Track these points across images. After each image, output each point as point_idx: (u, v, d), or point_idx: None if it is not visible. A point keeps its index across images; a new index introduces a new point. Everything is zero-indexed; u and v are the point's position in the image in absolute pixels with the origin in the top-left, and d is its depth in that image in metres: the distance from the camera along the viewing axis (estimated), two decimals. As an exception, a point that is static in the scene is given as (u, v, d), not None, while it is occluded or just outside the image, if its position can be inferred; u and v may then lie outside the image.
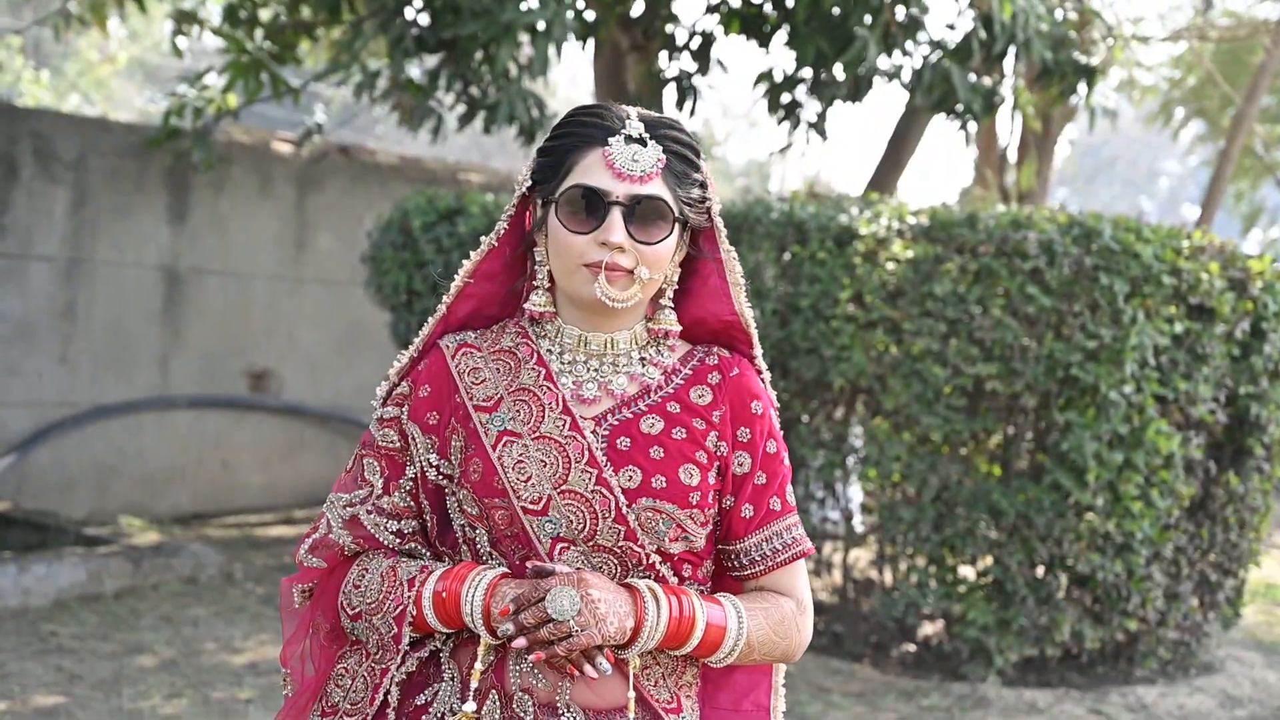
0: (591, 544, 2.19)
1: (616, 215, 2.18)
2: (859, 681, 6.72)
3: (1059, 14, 9.50)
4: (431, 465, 2.29)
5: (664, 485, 2.20)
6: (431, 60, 9.35)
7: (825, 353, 6.81)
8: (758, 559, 2.31)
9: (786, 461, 2.36)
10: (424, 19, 8.79)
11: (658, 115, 2.27)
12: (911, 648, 7.20)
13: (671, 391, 2.29)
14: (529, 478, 2.20)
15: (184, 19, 9.94)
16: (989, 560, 6.81)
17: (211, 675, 6.41)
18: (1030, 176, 12.25)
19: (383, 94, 9.63)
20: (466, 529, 2.28)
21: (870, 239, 6.80)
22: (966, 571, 6.99)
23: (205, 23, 9.98)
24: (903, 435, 6.82)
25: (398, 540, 2.31)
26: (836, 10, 8.23)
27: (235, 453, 10.75)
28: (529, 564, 2.16)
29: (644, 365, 2.30)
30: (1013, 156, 13.14)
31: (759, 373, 2.38)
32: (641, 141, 2.22)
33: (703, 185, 2.29)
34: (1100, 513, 6.47)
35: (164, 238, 10.27)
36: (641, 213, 2.19)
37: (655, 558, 2.21)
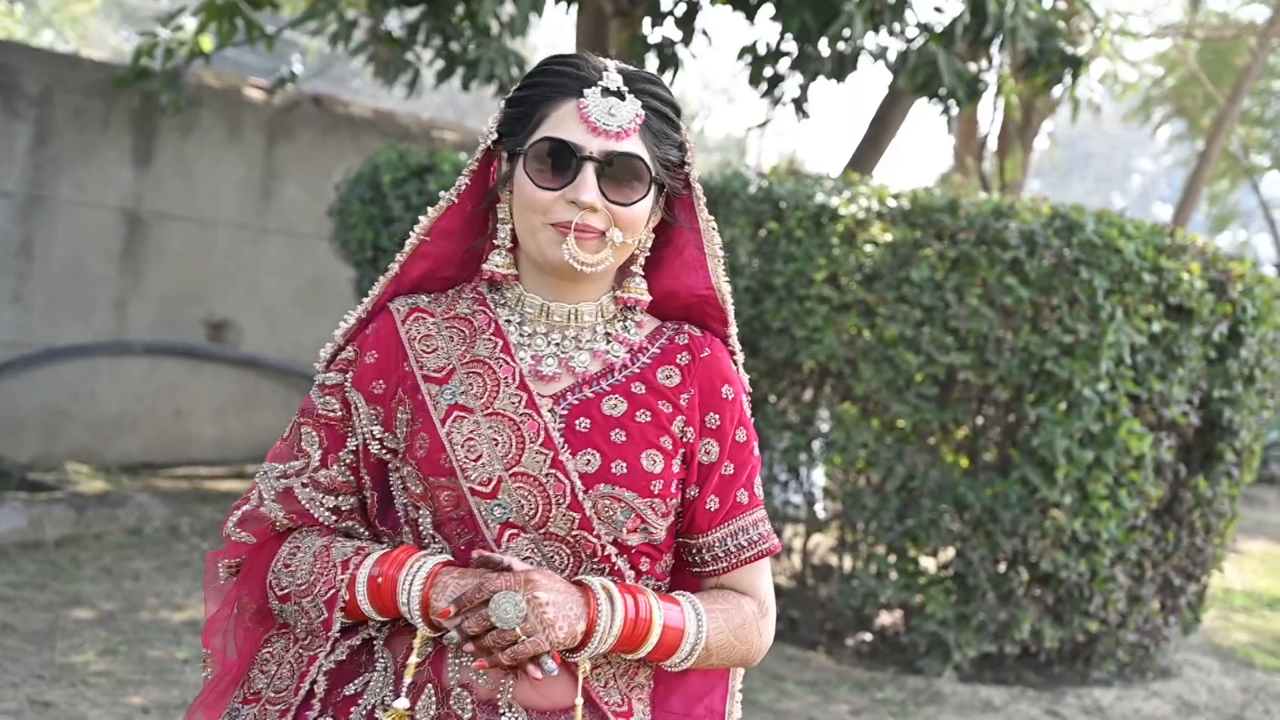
0: (543, 532, 2.02)
1: (589, 172, 2.01)
2: (813, 670, 6.60)
3: (1047, 2, 9.36)
4: (375, 438, 2.12)
5: (624, 471, 2.04)
6: (411, 13, 9.14)
7: (797, 333, 6.66)
8: (721, 555, 2.15)
9: (756, 452, 2.20)
10: (405, -30, 8.59)
11: (637, 69, 2.10)
12: (868, 638, 7.08)
13: (637, 371, 2.12)
14: (479, 457, 2.03)
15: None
16: (951, 553, 6.70)
17: (149, 632, 6.24)
18: (1016, 167, 12.13)
19: (359, 45, 9.42)
20: (409, 509, 2.10)
21: (849, 220, 6.65)
22: (927, 563, 6.87)
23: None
24: (871, 422, 6.69)
25: (334, 518, 2.14)
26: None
27: (189, 402, 10.55)
28: (475, 553, 1.99)
29: (609, 341, 2.14)
30: (993, 144, 13.03)
31: (731, 354, 2.22)
32: (619, 95, 2.05)
33: (681, 147, 2.13)
34: (1067, 511, 6.35)
35: (127, 179, 10.05)
36: (616, 171, 2.03)
37: (611, 549, 2.04)
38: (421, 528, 2.08)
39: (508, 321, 2.13)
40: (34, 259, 9.64)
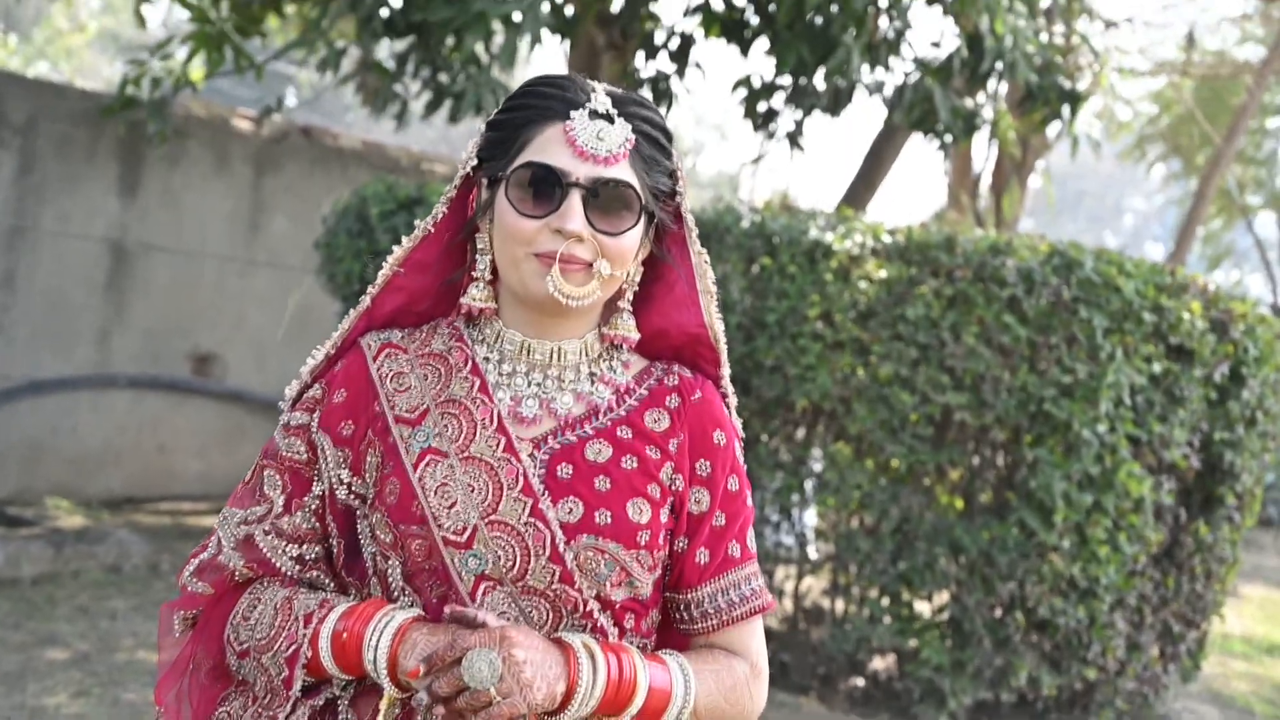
0: (521, 585, 1.88)
1: (575, 199, 1.89)
2: (804, 716, 6.45)
3: (1044, 37, 9.29)
4: (342, 483, 1.98)
5: (609, 521, 1.90)
6: (400, 43, 9.05)
7: (789, 371, 6.53)
8: (710, 612, 2.01)
9: (750, 502, 2.07)
10: (395, 0, 8.49)
11: (626, 92, 1.97)
12: (860, 682, 6.93)
13: (623, 414, 1.99)
14: (453, 504, 1.89)
15: (147, -15, 9.59)
16: (946, 597, 6.55)
17: (124, 674, 6.07)
18: (1014, 204, 12.03)
19: (348, 75, 9.32)
20: (378, 559, 1.96)
21: (843, 256, 6.53)
22: (922, 607, 6.72)
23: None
24: (865, 462, 6.56)
25: (297, 567, 2.00)
26: (820, 19, 7.98)
27: (173, 437, 10.39)
28: (447, 608, 1.85)
29: (593, 382, 2.01)
30: (987, 181, 12.94)
31: (724, 397, 2.09)
32: (608, 118, 1.92)
33: (673, 175, 2.00)
34: (1066, 555, 6.21)
35: (113, 210, 9.91)
36: (604, 198, 1.90)
37: (594, 605, 1.90)
38: (391, 579, 1.94)
39: (486, 359, 2.00)
40: (16, 290, 9.49)
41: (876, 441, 6.44)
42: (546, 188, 1.89)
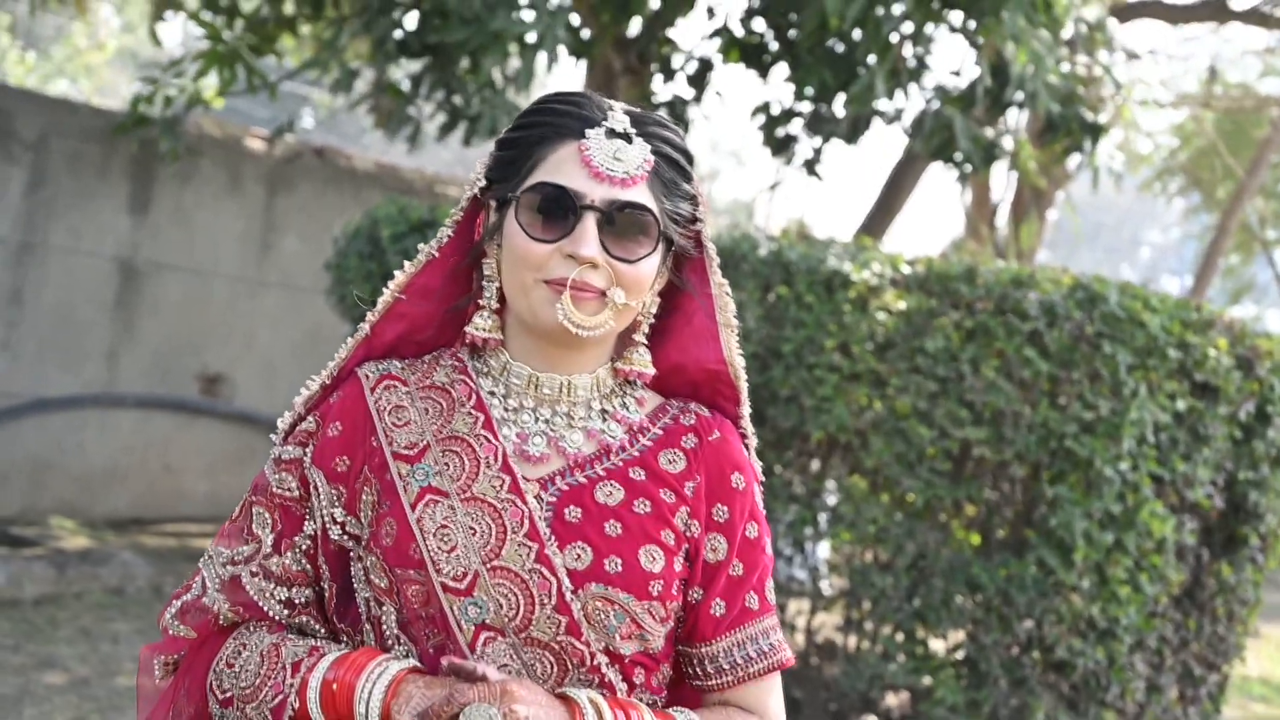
0: (524, 636, 1.77)
1: (590, 223, 1.77)
2: (815, 755, 6.31)
3: (1065, 66, 9.18)
4: (335, 522, 1.87)
5: (619, 570, 1.78)
6: (415, 65, 8.98)
7: (805, 402, 6.41)
8: (726, 668, 1.89)
9: (769, 550, 1.94)
10: (411, 21, 8.42)
11: (645, 111, 1.85)
12: (873, 721, 6.79)
13: (636, 454, 1.87)
14: (453, 547, 1.77)
15: (163, 3, 9.54)
16: (961, 635, 6.42)
17: (124, 699, 5.96)
18: (1032, 235, 11.92)
19: (362, 96, 9.25)
20: (372, 604, 1.84)
21: (862, 286, 6.41)
22: (937, 645, 6.58)
23: (183, 5, 9.55)
24: (881, 496, 6.43)
25: (286, 611, 1.88)
26: (841, 46, 7.90)
27: (180, 457, 10.29)
28: (444, 659, 1.72)
29: (605, 420, 1.89)
30: (1005, 211, 12.83)
31: (743, 438, 1.96)
32: (626, 137, 1.81)
33: (693, 200, 1.88)
34: (1085, 595, 6.07)
35: (123, 228, 9.84)
36: (621, 222, 1.78)
37: (601, 658, 1.79)
38: (385, 627, 1.83)
39: (491, 393, 1.89)
40: (24, 306, 9.41)
41: (893, 475, 6.31)
42: (559, 210, 1.78)
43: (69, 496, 9.70)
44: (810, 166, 8.97)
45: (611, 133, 1.81)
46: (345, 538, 1.87)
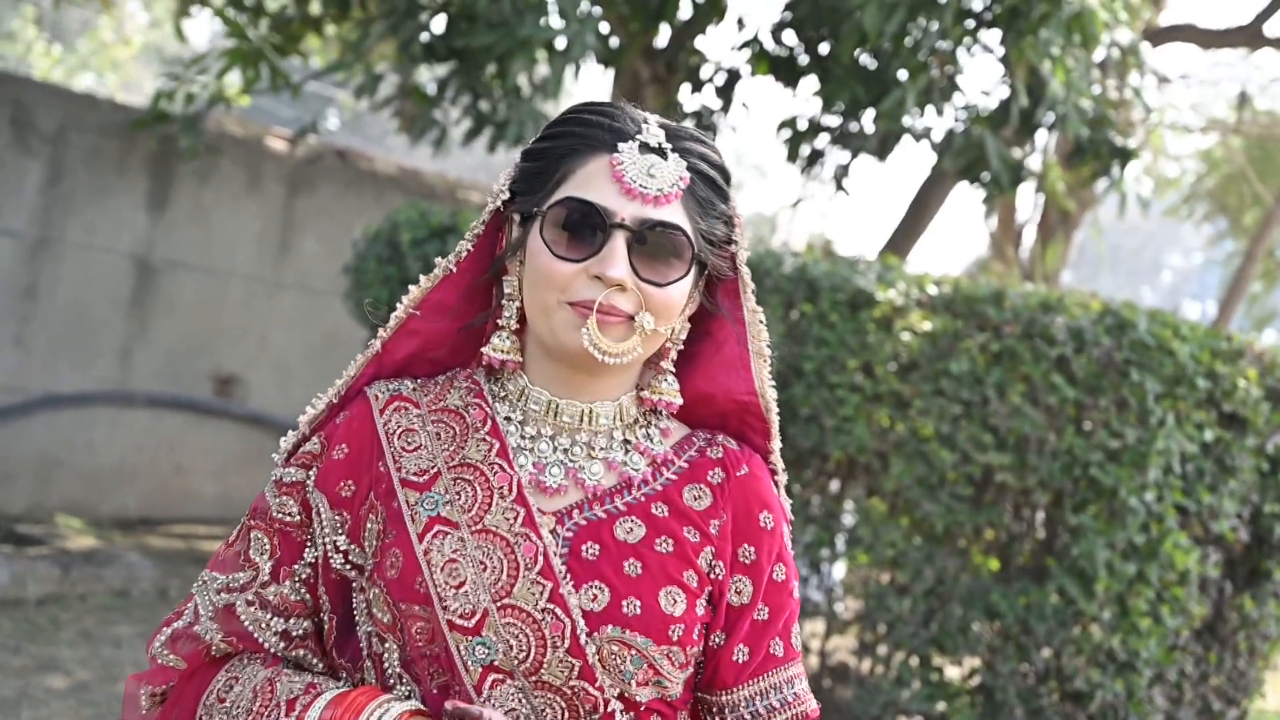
0: (534, 679, 1.66)
1: (619, 242, 1.67)
2: (826, 781, 6.20)
3: (1096, 89, 9.07)
4: (338, 550, 1.76)
5: (638, 612, 1.67)
6: (441, 69, 8.89)
7: (826, 422, 6.31)
8: (747, 717, 1.78)
9: (796, 593, 1.83)
10: (438, 25, 8.33)
11: (682, 125, 1.75)
12: (885, 748, 6.67)
13: (659, 489, 1.76)
14: (461, 583, 1.67)
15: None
16: (977, 662, 6.30)
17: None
18: (1057, 257, 11.79)
19: (386, 100, 9.16)
20: (374, 640, 1.74)
21: (887, 306, 6.30)
22: (953, 672, 6.47)
23: (208, 2, 9.46)
24: (900, 520, 6.32)
25: (282, 644, 1.77)
26: (874, 62, 7.80)
27: (191, 458, 10.20)
28: (448, 704, 1.62)
29: (627, 451, 1.78)
30: (1030, 232, 12.71)
31: (773, 474, 1.85)
32: (660, 152, 1.70)
33: (729, 221, 1.77)
34: (1105, 626, 5.95)
35: (140, 225, 9.75)
36: (652, 243, 1.68)
37: (615, 705, 1.68)
38: (386, 664, 1.72)
39: (507, 419, 1.78)
40: (38, 301, 9.33)
41: (913, 499, 6.20)
42: (587, 228, 1.68)
43: (77, 495, 9.62)
44: (839, 181, 8.87)
45: (645, 147, 1.70)
46: (347, 567, 1.77)
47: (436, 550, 1.68)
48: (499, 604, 1.66)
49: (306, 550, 1.78)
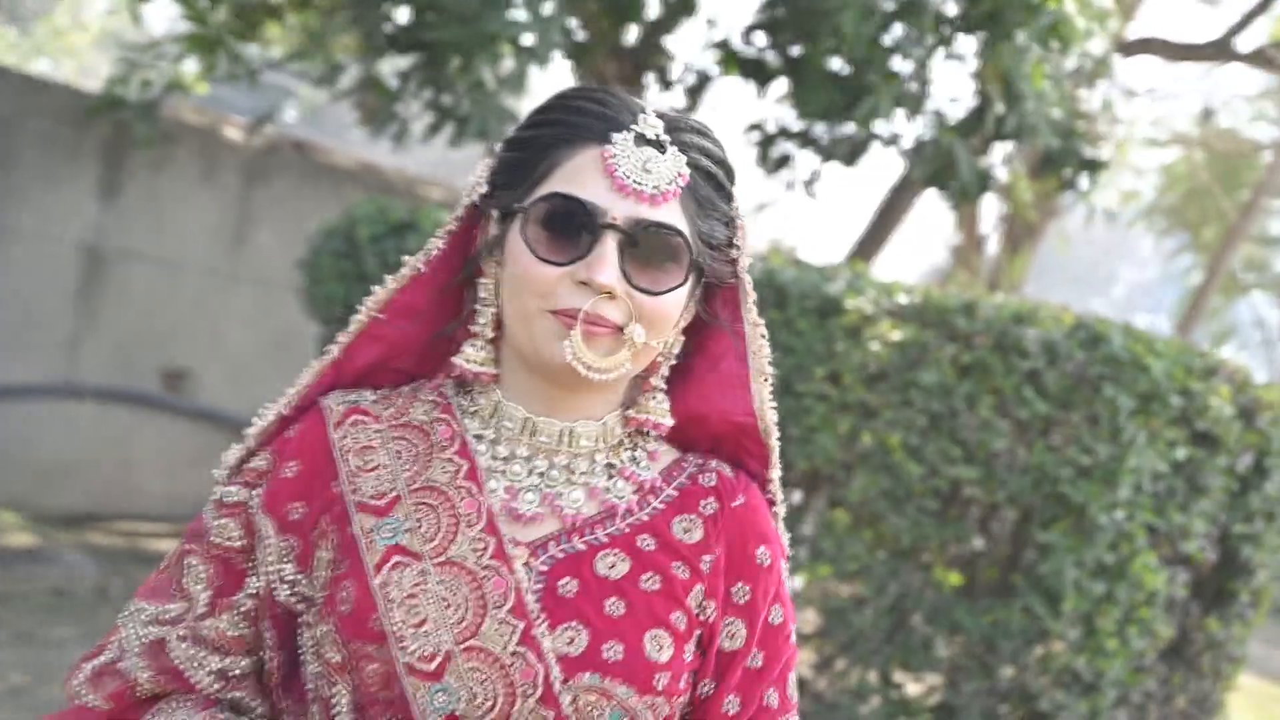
0: None
1: (610, 244, 1.49)
2: (784, 800, 6.05)
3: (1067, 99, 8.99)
4: (284, 580, 1.58)
5: (620, 657, 1.50)
6: (404, 62, 8.70)
7: (790, 431, 6.16)
8: None
9: (794, 638, 1.66)
10: (402, 16, 8.15)
11: (682, 114, 1.58)
12: (844, 765, 6.54)
13: (646, 519, 1.59)
14: (422, 621, 1.49)
15: (143, -18, 9.23)
16: (939, 680, 6.17)
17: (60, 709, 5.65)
18: (1023, 267, 11.71)
19: (347, 91, 8.97)
20: (321, 682, 1.55)
21: (856, 314, 6.16)
22: (914, 689, 6.34)
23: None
24: (864, 533, 6.18)
25: (218, 685, 1.59)
26: (845, 66, 7.67)
27: (139, 453, 9.96)
28: None
29: (611, 476, 1.61)
30: (994, 242, 12.65)
31: (771, 504, 1.69)
32: (658, 145, 1.53)
33: (730, 223, 1.60)
34: (1072, 646, 5.83)
35: (91, 213, 9.52)
36: (646, 245, 1.51)
37: (591, 762, 1.51)
38: (335, 709, 1.54)
39: (478, 438, 1.61)
40: (-16, 290, 9.09)
41: (878, 511, 6.07)
42: (574, 227, 1.50)
43: (21, 489, 9.36)
44: (808, 187, 8.75)
45: (641, 139, 1.53)
46: (294, 600, 1.59)
47: (395, 584, 1.51)
48: (463, 646, 1.48)
49: (249, 579, 1.60)
